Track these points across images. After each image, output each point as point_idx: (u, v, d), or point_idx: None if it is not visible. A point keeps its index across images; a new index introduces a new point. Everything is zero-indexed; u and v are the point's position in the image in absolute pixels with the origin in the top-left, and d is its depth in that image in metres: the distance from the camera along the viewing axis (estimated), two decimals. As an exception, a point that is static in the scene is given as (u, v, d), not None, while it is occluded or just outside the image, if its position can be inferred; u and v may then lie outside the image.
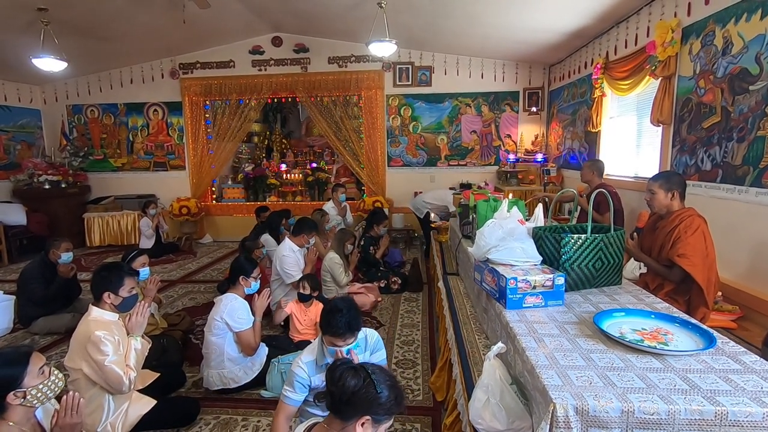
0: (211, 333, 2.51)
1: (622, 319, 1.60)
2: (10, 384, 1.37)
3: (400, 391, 1.29)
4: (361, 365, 1.29)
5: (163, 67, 6.99)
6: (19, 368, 1.40)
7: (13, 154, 6.81)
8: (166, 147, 7.26)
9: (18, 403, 1.38)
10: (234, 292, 2.59)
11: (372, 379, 1.23)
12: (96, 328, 1.99)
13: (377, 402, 1.21)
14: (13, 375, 1.38)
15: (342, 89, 6.71)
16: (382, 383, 1.23)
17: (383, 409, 1.22)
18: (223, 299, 2.56)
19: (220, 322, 2.48)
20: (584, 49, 5.16)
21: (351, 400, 1.20)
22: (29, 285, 3.36)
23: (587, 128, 4.90)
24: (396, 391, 1.27)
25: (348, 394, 1.20)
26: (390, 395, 1.24)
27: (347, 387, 1.21)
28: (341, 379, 1.23)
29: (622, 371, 1.26)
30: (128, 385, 2.01)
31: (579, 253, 1.93)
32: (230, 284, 2.66)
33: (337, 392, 1.22)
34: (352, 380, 1.22)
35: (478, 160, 6.82)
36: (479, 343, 2.08)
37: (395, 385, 1.29)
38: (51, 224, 6.45)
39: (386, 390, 1.23)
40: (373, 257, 4.64)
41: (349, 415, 1.21)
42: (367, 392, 1.21)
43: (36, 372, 1.43)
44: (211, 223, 7.24)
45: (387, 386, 1.24)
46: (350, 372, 1.25)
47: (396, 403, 1.26)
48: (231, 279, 2.67)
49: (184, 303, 4.19)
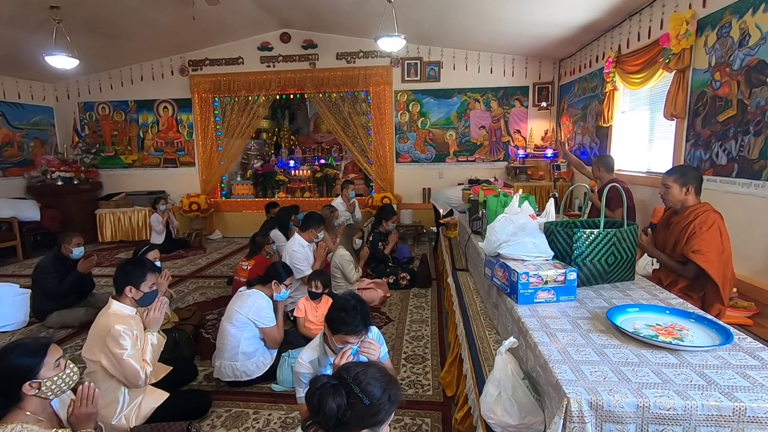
0: (231, 324, 2.53)
1: (636, 314, 1.59)
2: (27, 374, 1.39)
3: (390, 385, 1.19)
4: (341, 377, 1.17)
5: (172, 64, 7.04)
6: (37, 359, 1.42)
7: (27, 151, 6.92)
8: (175, 144, 7.31)
9: (33, 393, 1.40)
10: (262, 291, 2.63)
11: (355, 392, 1.12)
12: (116, 322, 2.02)
13: (369, 413, 1.11)
14: (30, 365, 1.40)
15: (350, 85, 6.70)
16: (367, 391, 1.13)
17: (379, 417, 1.14)
18: (251, 295, 2.59)
19: (243, 317, 2.51)
20: (595, 43, 5.09)
21: (342, 423, 1.10)
22: (44, 279, 3.42)
23: (598, 123, 4.84)
24: (388, 390, 1.17)
25: (335, 417, 1.10)
26: (381, 398, 1.14)
27: (331, 411, 1.09)
28: (322, 405, 1.11)
29: (636, 366, 1.25)
30: (144, 380, 2.04)
31: (591, 248, 1.91)
32: (261, 283, 2.68)
33: (324, 420, 1.11)
34: (334, 402, 1.10)
35: (487, 156, 6.77)
36: (489, 339, 2.07)
37: (385, 381, 1.18)
38: (64, 220, 6.55)
39: (376, 392, 1.13)
40: (381, 253, 4.64)
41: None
42: (355, 409, 1.11)
43: (52, 364, 1.45)
44: (220, 219, 7.29)
45: (377, 389, 1.14)
46: (329, 393, 1.12)
47: (390, 402, 1.16)
48: (264, 280, 2.70)
49: (195, 298, 4.23)
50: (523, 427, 1.40)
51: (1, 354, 1.42)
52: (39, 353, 1.43)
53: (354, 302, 1.79)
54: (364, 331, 1.78)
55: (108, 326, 2.03)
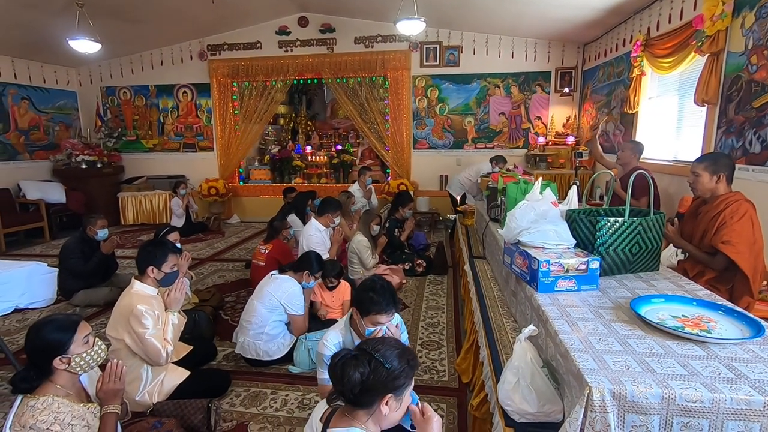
0: (262, 304, 2.57)
1: (660, 305, 1.54)
2: (58, 348, 1.43)
3: (407, 352, 1.23)
4: (361, 348, 1.22)
5: (191, 48, 7.07)
6: (68, 334, 1.46)
7: (53, 135, 7.09)
8: (195, 128, 7.39)
9: (63, 368, 1.45)
10: (294, 278, 2.67)
11: (377, 359, 1.16)
12: (138, 302, 2.08)
13: (391, 378, 1.16)
14: (61, 340, 1.44)
15: (368, 70, 6.63)
16: (388, 357, 1.17)
17: (400, 381, 1.18)
18: (285, 280, 2.63)
19: (276, 300, 2.56)
20: (623, 26, 4.90)
21: (364, 390, 1.14)
22: (70, 260, 3.53)
23: (623, 109, 4.69)
24: (406, 356, 1.21)
25: (359, 386, 1.14)
26: (401, 364, 1.18)
27: (355, 380, 1.14)
28: (345, 375, 1.15)
29: (661, 357, 1.21)
30: (165, 358, 2.10)
31: (615, 237, 1.86)
32: (293, 270, 2.72)
33: (347, 390, 1.15)
34: (357, 371, 1.15)
35: (506, 143, 6.65)
36: (507, 327, 2.05)
37: (402, 349, 1.23)
38: (88, 202, 6.72)
39: (396, 361, 1.18)
40: (397, 239, 4.63)
41: (369, 402, 1.16)
42: (377, 375, 1.15)
43: (81, 340, 1.49)
44: (238, 203, 7.38)
45: (395, 356, 1.19)
46: (352, 363, 1.17)
47: (410, 367, 1.21)
48: (297, 267, 2.73)
49: (214, 280, 4.31)
50: (541, 415, 1.39)
51: (35, 328, 1.47)
52: (70, 329, 1.47)
53: (382, 282, 1.82)
54: (394, 310, 1.80)
55: (131, 306, 2.08)
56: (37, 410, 1.34)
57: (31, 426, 1.31)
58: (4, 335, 2.61)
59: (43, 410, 1.34)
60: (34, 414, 1.33)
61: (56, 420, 1.34)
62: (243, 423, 2.11)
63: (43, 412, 1.34)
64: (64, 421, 1.36)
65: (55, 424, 1.34)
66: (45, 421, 1.33)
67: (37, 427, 1.31)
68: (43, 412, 1.34)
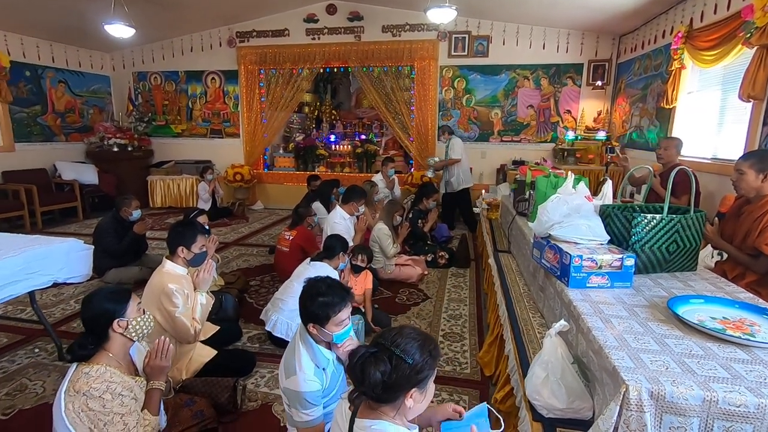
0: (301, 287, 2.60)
1: (699, 306, 1.49)
2: (116, 313, 1.51)
3: (428, 341, 1.15)
4: (379, 344, 1.13)
5: (221, 35, 7.14)
6: (124, 300, 1.54)
7: (87, 118, 7.31)
8: (222, 114, 7.50)
9: (120, 332, 1.51)
10: (329, 264, 2.70)
11: (398, 355, 1.09)
12: (169, 281, 2.13)
13: (414, 372, 1.09)
14: (119, 304, 1.53)
15: (395, 59, 6.57)
16: (410, 351, 1.10)
17: (423, 374, 1.12)
18: (323, 266, 2.65)
19: None
20: (663, 16, 4.69)
21: (387, 387, 1.09)
22: (104, 239, 3.65)
23: (660, 104, 4.51)
24: (427, 347, 1.13)
25: (380, 386, 1.08)
26: (423, 356, 1.11)
27: (377, 380, 1.07)
28: (366, 375, 1.08)
29: (702, 359, 1.17)
30: (194, 336, 2.16)
31: (652, 235, 1.80)
32: (327, 257, 2.74)
33: (369, 390, 1.09)
34: (379, 370, 1.08)
35: (534, 137, 6.51)
36: (534, 322, 2.02)
37: (423, 339, 1.14)
38: (119, 184, 6.93)
39: (417, 354, 1.10)
40: (420, 231, 4.61)
41: (393, 398, 1.11)
42: (400, 372, 1.08)
43: (135, 307, 1.57)
44: (262, 190, 7.48)
45: (416, 349, 1.11)
46: (372, 362, 1.09)
47: (432, 358, 1.13)
48: (329, 254, 2.74)
49: (238, 264, 4.39)
50: (570, 411, 1.37)
51: (94, 297, 1.53)
52: (124, 297, 1.55)
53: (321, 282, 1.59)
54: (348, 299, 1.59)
55: (162, 284, 2.14)
56: (92, 378, 1.40)
57: (84, 392, 1.37)
58: (41, 308, 2.73)
59: (96, 378, 1.40)
60: (88, 381, 1.39)
61: (108, 389, 1.40)
62: (267, 403, 2.15)
63: (96, 380, 1.40)
64: (116, 390, 1.42)
65: (107, 393, 1.39)
66: (98, 389, 1.38)
67: (90, 393, 1.37)
68: (96, 380, 1.40)
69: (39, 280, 2.40)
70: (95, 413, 1.36)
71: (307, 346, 1.58)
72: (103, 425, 1.37)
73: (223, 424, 1.96)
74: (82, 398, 1.36)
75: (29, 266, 2.33)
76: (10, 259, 2.25)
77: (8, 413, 2.07)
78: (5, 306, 3.18)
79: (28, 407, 2.12)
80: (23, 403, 2.15)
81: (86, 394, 1.36)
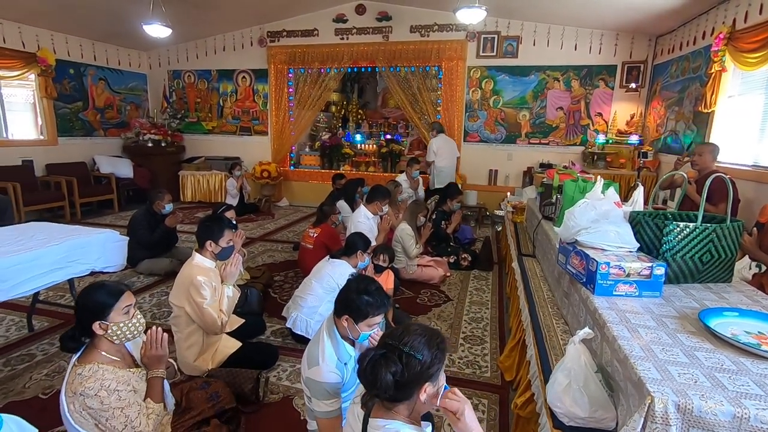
0: (320, 285, 2.65)
1: (733, 319, 1.43)
2: (99, 313, 1.48)
3: (436, 335, 1.16)
4: (387, 344, 1.14)
5: (252, 34, 7.30)
6: (111, 300, 1.50)
7: (124, 114, 7.63)
8: (251, 112, 7.67)
9: (101, 333, 1.49)
10: (348, 262, 2.73)
11: (407, 353, 1.09)
12: (198, 273, 2.21)
13: (425, 368, 1.10)
14: (104, 304, 1.49)
15: (422, 59, 6.56)
16: (418, 348, 1.10)
17: (434, 368, 1.12)
18: (341, 264, 2.69)
19: (334, 282, 2.61)
20: (704, 17, 4.51)
21: (400, 387, 1.09)
22: (137, 230, 3.81)
23: (697, 108, 4.34)
24: (435, 341, 1.14)
25: (393, 385, 1.08)
26: (432, 350, 1.11)
27: (388, 382, 1.08)
28: (378, 378, 1.08)
29: (734, 374, 1.13)
30: (221, 327, 2.23)
31: (684, 243, 1.74)
32: (346, 255, 2.77)
33: (382, 392, 1.10)
34: (390, 371, 1.08)
35: (563, 140, 6.38)
36: (557, 328, 1.99)
37: (429, 334, 1.15)
38: (152, 179, 7.20)
39: (425, 350, 1.11)
40: (444, 232, 4.60)
41: (406, 396, 1.12)
42: (411, 370, 1.09)
43: (122, 309, 1.52)
44: (288, 187, 7.61)
45: (424, 344, 1.11)
46: (382, 363, 1.10)
47: (441, 351, 1.13)
48: (348, 251, 2.77)
49: (263, 260, 4.49)
50: (592, 421, 1.35)
51: (85, 289, 1.54)
52: (113, 296, 1.51)
53: (370, 282, 1.65)
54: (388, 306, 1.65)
55: (191, 276, 2.22)
56: (84, 377, 1.42)
57: (80, 392, 1.40)
58: (80, 295, 2.90)
59: (89, 377, 1.42)
60: (81, 381, 1.41)
61: (102, 387, 1.42)
62: (288, 396, 2.20)
63: (89, 379, 1.42)
64: (110, 387, 1.44)
65: (102, 390, 1.42)
66: (92, 388, 1.40)
67: (86, 393, 1.40)
68: (89, 379, 1.42)
69: (78, 268, 2.53)
70: (95, 411, 1.40)
71: (333, 338, 1.61)
72: (106, 420, 1.42)
73: (246, 414, 2.02)
74: (80, 398, 1.40)
75: (70, 255, 2.47)
76: (54, 247, 2.39)
77: (47, 393, 2.20)
78: (47, 292, 3.36)
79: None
80: (60, 383, 2.26)
81: (83, 394, 1.39)
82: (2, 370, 2.39)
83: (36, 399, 2.14)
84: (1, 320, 3.00)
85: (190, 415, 1.74)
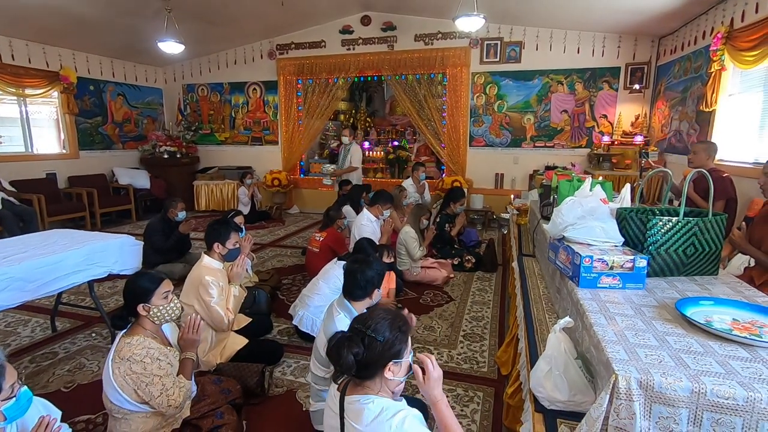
0: (327, 285, 2.76)
1: (710, 307, 1.49)
2: (142, 296, 1.70)
3: (399, 318, 1.26)
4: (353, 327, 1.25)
5: (262, 48, 7.55)
6: (152, 286, 1.73)
7: (141, 128, 7.93)
8: (262, 123, 7.90)
9: (144, 314, 1.71)
10: None
11: (369, 335, 1.20)
12: (206, 273, 2.35)
13: (387, 348, 1.20)
14: (146, 289, 1.71)
15: (427, 67, 6.69)
16: (380, 330, 1.20)
17: (396, 348, 1.21)
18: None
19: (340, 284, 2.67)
20: (703, 17, 4.54)
21: (363, 366, 1.19)
22: (152, 237, 3.99)
23: (699, 107, 4.36)
24: (397, 323, 1.24)
25: (355, 365, 1.19)
26: (393, 332, 1.21)
27: (350, 361, 1.18)
28: (341, 357, 1.19)
29: (699, 355, 1.20)
30: (228, 325, 2.36)
31: (668, 237, 1.80)
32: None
33: (346, 369, 1.20)
34: (352, 352, 1.18)
35: (568, 142, 6.41)
36: (549, 322, 2.05)
37: (392, 317, 1.25)
38: (168, 189, 7.45)
39: (387, 331, 1.21)
40: (448, 234, 4.68)
41: (372, 374, 1.22)
42: (373, 350, 1.19)
43: (161, 294, 1.74)
44: (298, 194, 7.79)
45: (386, 327, 1.22)
46: (346, 344, 1.20)
47: (402, 332, 1.23)
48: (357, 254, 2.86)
49: (273, 264, 4.63)
50: (571, 404, 1.42)
51: (132, 277, 1.79)
52: (154, 282, 1.75)
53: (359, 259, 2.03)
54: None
55: (200, 276, 2.36)
56: (133, 345, 1.63)
57: (128, 358, 1.60)
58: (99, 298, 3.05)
59: (137, 345, 1.63)
60: (130, 348, 1.61)
61: (147, 354, 1.62)
62: (292, 390, 2.31)
63: (137, 347, 1.63)
64: (154, 355, 1.64)
65: (147, 357, 1.62)
66: (139, 354, 1.61)
67: (133, 359, 1.59)
68: (137, 347, 1.63)
69: (97, 271, 2.70)
70: (138, 375, 1.59)
71: (347, 311, 1.91)
72: (145, 386, 1.60)
73: (251, 405, 2.13)
74: (126, 363, 1.59)
75: (90, 258, 2.64)
76: (76, 251, 2.56)
77: (69, 387, 2.36)
78: (68, 295, 3.55)
79: (86, 383, 2.40)
80: (81, 379, 2.43)
81: (129, 360, 1.59)
82: (28, 367, 2.56)
83: (59, 392, 2.30)
84: (27, 322, 3.20)
85: (206, 402, 1.89)
